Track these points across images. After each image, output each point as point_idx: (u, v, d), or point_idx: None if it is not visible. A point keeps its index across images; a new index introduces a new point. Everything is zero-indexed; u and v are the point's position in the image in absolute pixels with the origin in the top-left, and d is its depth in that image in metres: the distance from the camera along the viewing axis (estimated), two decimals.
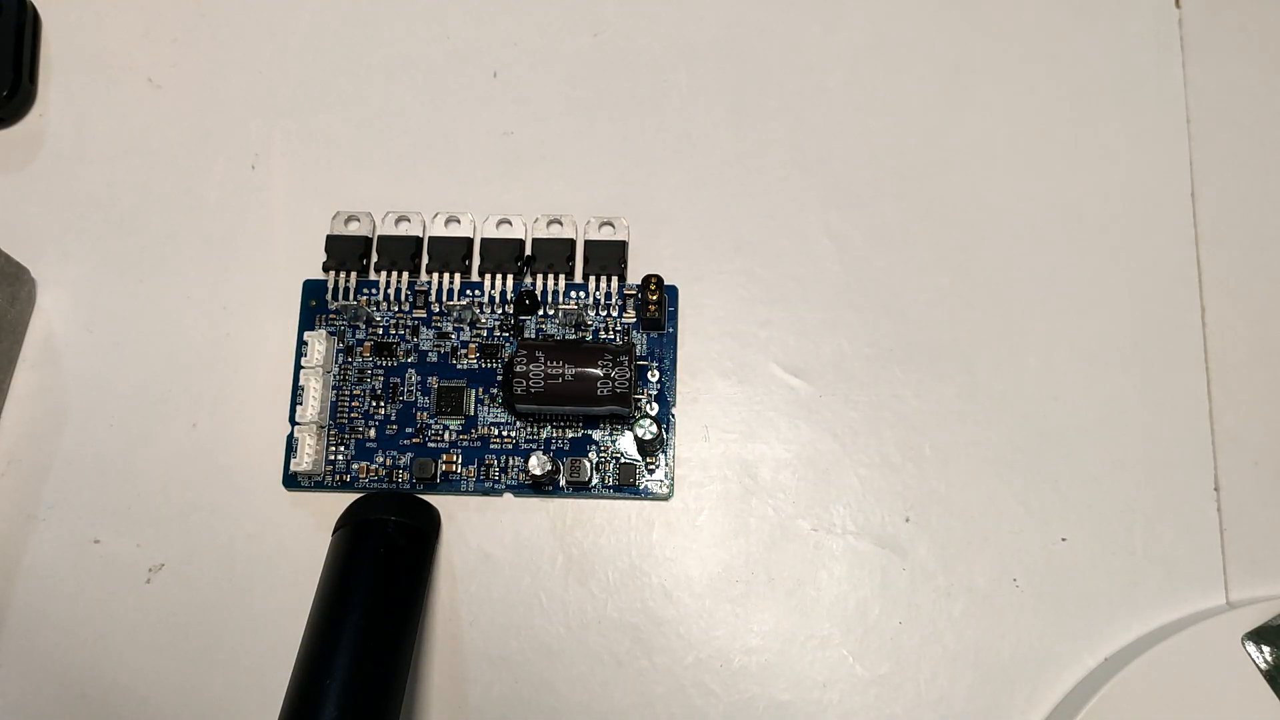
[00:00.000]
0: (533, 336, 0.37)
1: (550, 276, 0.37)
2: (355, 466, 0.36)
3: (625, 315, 0.37)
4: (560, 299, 0.37)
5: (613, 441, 0.36)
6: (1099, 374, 0.36)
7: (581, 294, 0.37)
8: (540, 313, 0.37)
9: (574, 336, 0.37)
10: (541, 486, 0.35)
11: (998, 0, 0.40)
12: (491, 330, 0.37)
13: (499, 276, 0.37)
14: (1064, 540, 0.35)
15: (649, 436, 0.34)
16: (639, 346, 0.36)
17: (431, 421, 0.36)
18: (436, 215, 0.37)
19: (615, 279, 0.37)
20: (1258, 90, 0.39)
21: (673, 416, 0.36)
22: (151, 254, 0.38)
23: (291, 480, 0.36)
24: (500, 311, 0.37)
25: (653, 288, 0.35)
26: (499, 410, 0.36)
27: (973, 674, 0.34)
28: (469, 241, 0.37)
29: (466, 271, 0.37)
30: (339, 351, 0.37)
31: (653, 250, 0.38)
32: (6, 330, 0.36)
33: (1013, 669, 0.34)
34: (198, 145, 0.39)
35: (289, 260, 0.38)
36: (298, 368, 0.36)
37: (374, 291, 0.37)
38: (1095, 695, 0.33)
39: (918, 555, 0.35)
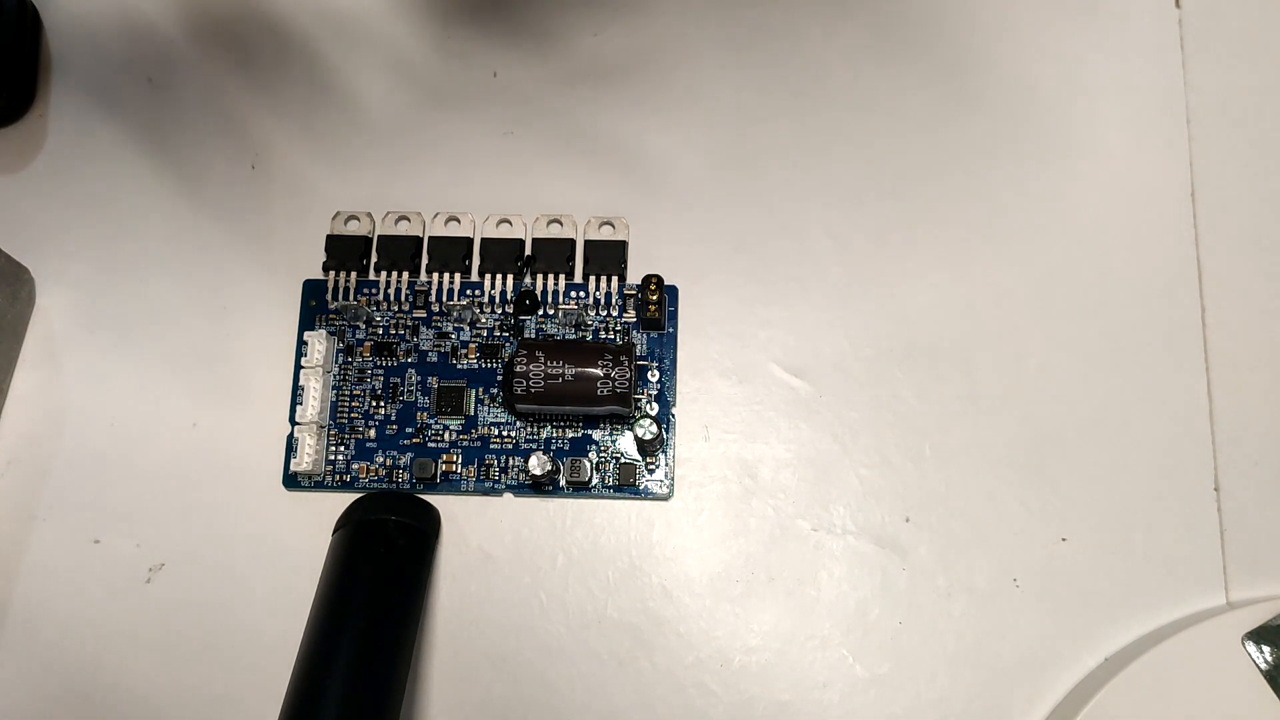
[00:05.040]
0: (533, 336, 0.37)
1: (550, 276, 0.37)
2: (355, 466, 0.36)
3: (625, 315, 0.37)
4: (560, 299, 0.37)
5: (613, 441, 0.36)
6: (1099, 374, 0.36)
7: (581, 294, 0.37)
8: (540, 313, 0.37)
9: (574, 336, 0.37)
10: (541, 486, 0.35)
11: (998, 0, 0.40)
12: (491, 330, 0.37)
13: (499, 276, 0.37)
14: (1064, 540, 0.35)
15: (649, 436, 0.34)
16: (639, 346, 0.36)
17: (431, 421, 0.36)
18: (436, 215, 0.37)
19: (615, 279, 0.37)
20: (1258, 90, 0.39)
21: (673, 416, 0.36)
22: (151, 254, 0.38)
23: (291, 480, 0.36)
24: (500, 311, 0.37)
25: (653, 288, 0.35)
26: (499, 410, 0.36)
27: (973, 674, 0.34)
28: (469, 241, 0.37)
29: (466, 271, 0.37)
30: (339, 351, 0.37)
31: (653, 250, 0.38)
32: (6, 330, 0.36)
33: (1013, 669, 0.34)
34: (198, 145, 0.39)
35: (289, 260, 0.38)
36: (298, 368, 0.36)
37: (374, 291, 0.37)
38: (1095, 695, 0.33)
39: (918, 555, 0.35)
